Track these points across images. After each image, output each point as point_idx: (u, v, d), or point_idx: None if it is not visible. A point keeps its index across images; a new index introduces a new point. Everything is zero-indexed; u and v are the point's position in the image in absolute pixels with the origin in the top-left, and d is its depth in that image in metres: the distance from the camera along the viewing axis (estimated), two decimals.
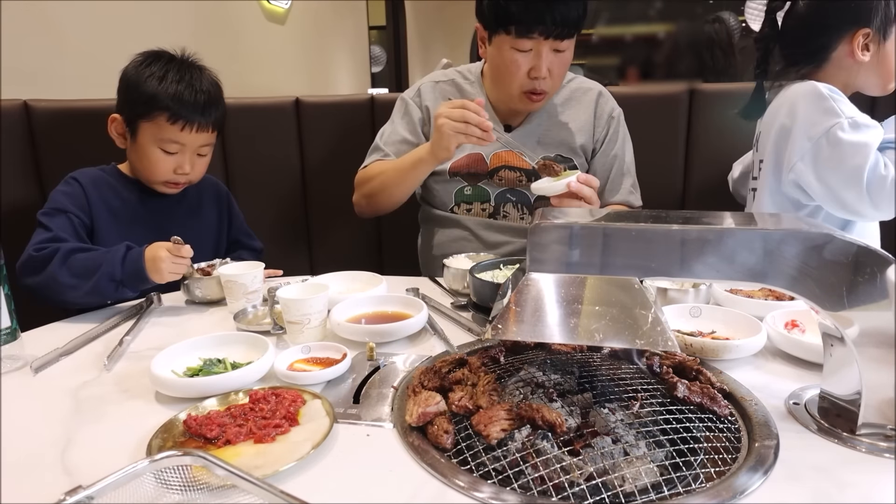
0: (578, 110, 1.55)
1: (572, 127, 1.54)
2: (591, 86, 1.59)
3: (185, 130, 1.34)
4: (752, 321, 0.98)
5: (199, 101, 1.35)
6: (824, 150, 1.25)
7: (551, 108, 1.54)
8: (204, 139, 1.39)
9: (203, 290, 1.25)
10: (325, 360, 0.93)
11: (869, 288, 0.65)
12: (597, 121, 1.55)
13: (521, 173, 1.52)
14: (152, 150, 1.36)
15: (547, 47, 1.36)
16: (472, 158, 1.53)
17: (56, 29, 1.91)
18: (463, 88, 1.58)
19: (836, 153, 1.23)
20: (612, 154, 1.55)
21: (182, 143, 1.36)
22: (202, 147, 1.40)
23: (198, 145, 1.39)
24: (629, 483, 0.62)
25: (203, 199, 1.54)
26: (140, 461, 0.57)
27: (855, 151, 1.22)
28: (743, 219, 0.73)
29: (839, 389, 0.73)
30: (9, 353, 0.96)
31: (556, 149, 1.53)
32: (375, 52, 6.40)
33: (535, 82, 1.40)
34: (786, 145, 1.32)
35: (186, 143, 1.36)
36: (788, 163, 1.31)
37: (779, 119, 1.34)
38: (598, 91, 1.58)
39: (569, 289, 0.71)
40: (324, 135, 1.89)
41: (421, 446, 0.70)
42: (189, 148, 1.38)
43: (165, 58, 1.38)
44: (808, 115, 1.28)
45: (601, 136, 1.55)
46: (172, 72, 1.35)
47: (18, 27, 1.76)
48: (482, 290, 1.11)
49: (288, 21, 3.75)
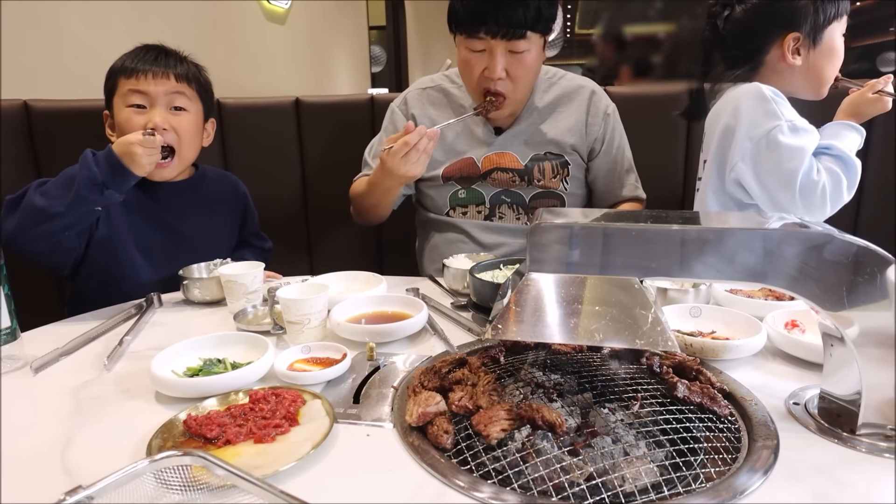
0: (570, 109, 1.54)
1: (562, 126, 1.53)
2: (582, 83, 1.57)
3: (144, 79, 1.32)
4: (752, 321, 0.98)
5: (153, 54, 1.34)
6: (763, 152, 1.29)
7: (541, 106, 1.54)
8: (169, 87, 1.34)
9: (203, 291, 1.25)
10: (325, 360, 0.93)
11: (869, 288, 0.65)
12: (591, 119, 1.54)
13: (514, 174, 1.52)
14: (123, 113, 1.34)
15: (501, 48, 1.35)
16: (464, 163, 1.53)
17: (56, 29, 1.91)
18: (450, 93, 1.58)
19: (774, 155, 1.27)
20: (613, 153, 1.55)
21: (144, 91, 1.32)
22: (172, 96, 1.35)
23: (163, 93, 1.33)
24: (629, 483, 0.62)
25: (218, 197, 1.54)
26: (140, 461, 0.57)
27: (791, 155, 1.26)
28: (743, 219, 0.73)
29: (839, 389, 0.73)
30: (9, 353, 0.96)
31: (545, 147, 1.52)
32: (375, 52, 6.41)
33: (489, 82, 1.40)
34: (729, 145, 1.35)
35: (149, 91, 1.32)
36: (731, 162, 1.35)
37: (723, 119, 1.37)
38: (591, 89, 1.56)
39: (569, 289, 0.71)
40: (324, 135, 1.89)
41: (421, 446, 0.70)
42: (155, 99, 1.33)
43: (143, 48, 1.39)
44: (750, 116, 1.31)
45: (599, 136, 1.54)
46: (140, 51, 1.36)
47: (18, 27, 1.76)
48: (482, 290, 1.11)
49: (288, 21, 3.75)
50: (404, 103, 1.62)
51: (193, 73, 1.40)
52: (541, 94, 1.54)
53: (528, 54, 1.38)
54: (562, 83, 1.56)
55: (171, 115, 1.36)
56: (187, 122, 1.39)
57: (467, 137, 1.54)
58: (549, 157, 1.52)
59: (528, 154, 1.51)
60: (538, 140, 1.52)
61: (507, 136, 1.53)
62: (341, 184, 1.69)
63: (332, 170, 1.87)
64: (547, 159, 1.52)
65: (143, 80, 1.32)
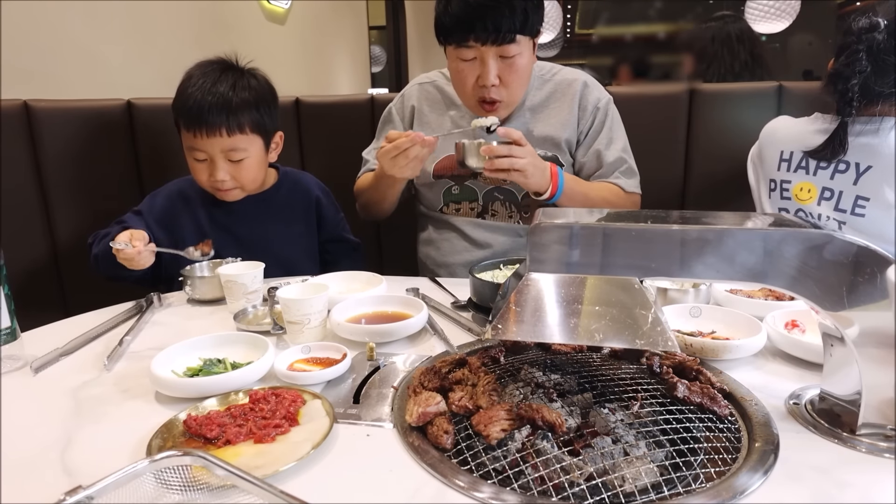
0: (562, 104, 1.52)
1: (556, 122, 1.51)
2: (575, 76, 1.55)
3: (199, 137, 1.34)
4: (752, 321, 0.98)
5: (206, 104, 1.32)
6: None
7: (534, 104, 1.52)
8: (224, 144, 1.35)
9: (203, 290, 1.25)
10: (325, 360, 0.93)
11: (869, 288, 0.65)
12: (581, 112, 1.51)
13: None
14: (189, 158, 1.39)
15: (491, 54, 1.34)
16: (455, 160, 1.53)
17: (56, 29, 1.91)
18: (444, 90, 1.58)
19: None
20: (594, 147, 1.51)
21: (201, 149, 1.36)
22: (229, 152, 1.37)
23: (220, 150, 1.36)
24: (629, 483, 0.62)
25: (294, 203, 1.54)
26: (140, 461, 0.57)
27: None
28: (743, 219, 0.73)
29: (839, 389, 0.73)
30: (9, 353, 0.96)
31: (539, 146, 1.50)
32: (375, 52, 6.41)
33: (484, 90, 1.38)
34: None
35: (205, 149, 1.35)
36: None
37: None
38: (583, 82, 1.53)
39: (569, 289, 0.71)
40: (324, 135, 1.89)
41: (421, 446, 0.70)
42: (213, 154, 1.36)
43: (211, 66, 1.39)
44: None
45: (585, 129, 1.52)
46: (204, 79, 1.35)
47: (18, 27, 1.76)
48: (482, 290, 1.11)
49: (288, 21, 3.75)
50: (401, 98, 1.62)
51: (248, 115, 1.38)
52: (534, 92, 1.53)
53: (520, 58, 1.37)
54: (555, 79, 1.55)
55: (231, 166, 1.39)
56: (247, 166, 1.41)
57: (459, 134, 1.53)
58: (542, 157, 1.51)
59: None
60: (532, 139, 1.51)
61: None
62: (341, 184, 1.69)
63: (332, 169, 1.87)
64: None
65: (199, 139, 1.35)
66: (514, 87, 1.41)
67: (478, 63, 1.36)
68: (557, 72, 1.56)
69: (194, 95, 1.33)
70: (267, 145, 1.45)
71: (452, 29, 1.34)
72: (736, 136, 1.70)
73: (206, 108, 1.32)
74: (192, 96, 1.33)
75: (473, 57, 1.36)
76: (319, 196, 1.59)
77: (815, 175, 1.40)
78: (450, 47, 1.39)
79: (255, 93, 1.39)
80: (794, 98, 1.69)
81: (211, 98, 1.33)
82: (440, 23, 1.37)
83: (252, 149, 1.40)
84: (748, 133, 1.58)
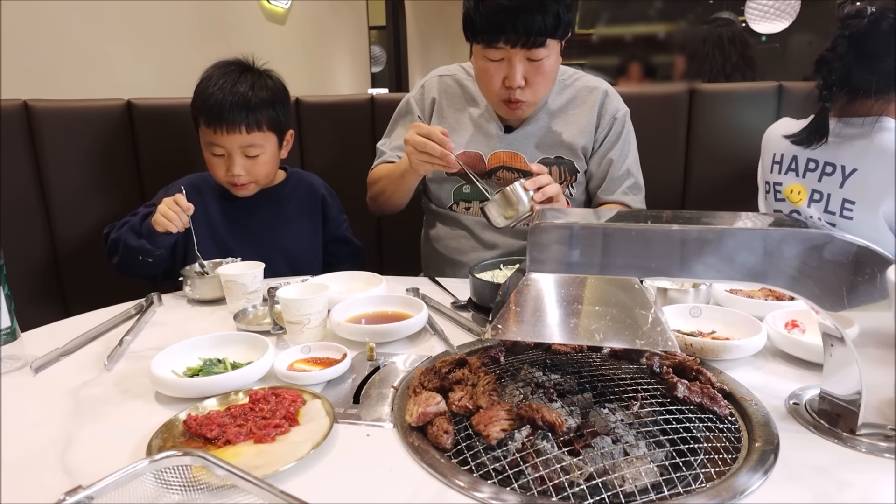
0: (582, 111, 1.52)
1: (574, 128, 1.51)
2: (596, 84, 1.55)
3: (219, 133, 1.39)
4: (752, 321, 0.98)
5: (227, 103, 1.38)
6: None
7: (554, 109, 1.52)
8: (242, 140, 1.40)
9: (203, 290, 1.25)
10: (325, 360, 0.93)
11: (869, 288, 0.65)
12: (599, 121, 1.52)
13: (520, 175, 1.51)
14: (206, 154, 1.45)
15: (519, 56, 1.33)
16: (471, 158, 1.52)
17: (56, 29, 1.91)
18: (465, 85, 1.58)
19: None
20: (607, 157, 1.52)
21: (220, 145, 1.40)
22: (247, 148, 1.42)
23: (238, 147, 1.41)
24: (629, 483, 0.62)
25: (294, 202, 1.58)
26: (140, 461, 0.57)
27: None
28: (742, 219, 0.73)
29: (839, 389, 0.73)
30: (9, 353, 0.96)
31: (555, 150, 1.51)
32: (375, 52, 6.40)
33: (510, 91, 1.38)
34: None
35: (224, 145, 1.40)
36: None
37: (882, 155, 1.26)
38: (604, 90, 1.54)
39: (569, 289, 0.71)
40: (324, 135, 1.89)
41: (421, 446, 0.70)
42: (231, 150, 1.41)
43: (230, 67, 1.44)
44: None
45: (601, 137, 1.53)
46: (225, 79, 1.41)
47: (18, 27, 1.76)
48: (482, 290, 1.11)
49: (288, 21, 3.75)
50: (422, 89, 1.61)
51: (265, 113, 1.43)
52: (554, 96, 1.52)
53: (547, 60, 1.36)
54: (576, 84, 1.54)
55: (247, 161, 1.44)
56: (262, 162, 1.46)
57: (476, 132, 1.53)
58: (558, 161, 1.51)
59: (537, 157, 1.50)
60: (549, 143, 1.51)
61: (517, 135, 1.52)
62: (342, 184, 1.69)
63: (333, 170, 1.87)
64: (556, 164, 1.50)
65: (219, 136, 1.39)
66: (539, 89, 1.41)
67: (505, 64, 1.35)
68: (579, 78, 1.56)
69: (216, 95, 1.39)
70: (280, 143, 1.51)
71: (482, 29, 1.32)
72: (736, 137, 1.70)
73: (227, 107, 1.38)
74: (213, 95, 1.39)
75: (501, 58, 1.35)
76: (325, 195, 1.62)
77: (804, 177, 1.40)
78: (477, 46, 1.37)
79: (271, 93, 1.46)
80: (794, 98, 1.69)
81: (232, 97, 1.39)
82: (469, 20, 1.34)
83: (267, 145, 1.46)
84: (748, 133, 1.58)
